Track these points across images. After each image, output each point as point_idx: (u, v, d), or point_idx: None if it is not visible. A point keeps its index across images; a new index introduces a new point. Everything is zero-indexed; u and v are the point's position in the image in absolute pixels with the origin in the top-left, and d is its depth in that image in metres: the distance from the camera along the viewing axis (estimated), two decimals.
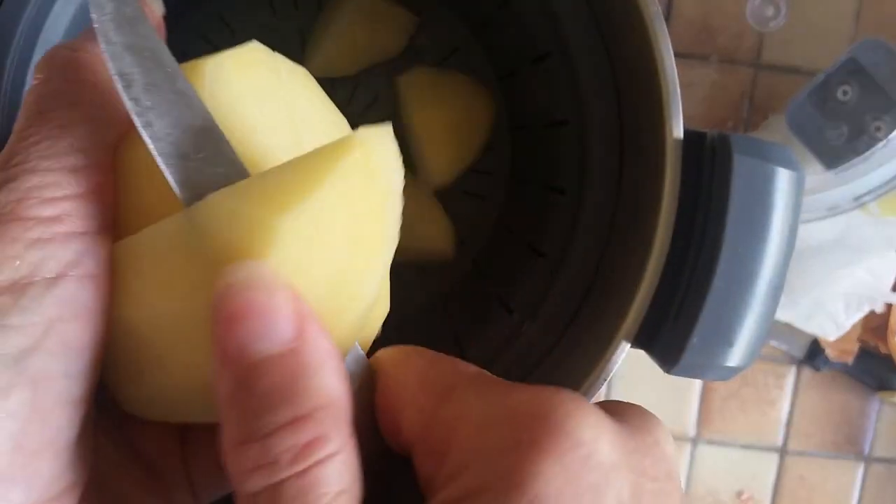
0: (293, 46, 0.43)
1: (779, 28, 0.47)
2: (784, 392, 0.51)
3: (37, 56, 0.33)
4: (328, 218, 0.16)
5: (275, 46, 0.45)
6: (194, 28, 0.42)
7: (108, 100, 0.19)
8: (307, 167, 0.17)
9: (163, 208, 0.18)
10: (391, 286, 0.23)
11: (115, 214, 0.18)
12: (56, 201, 0.17)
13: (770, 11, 0.46)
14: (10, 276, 0.16)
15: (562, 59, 0.33)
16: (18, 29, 0.32)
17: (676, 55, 0.26)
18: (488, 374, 0.19)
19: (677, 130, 0.26)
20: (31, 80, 0.19)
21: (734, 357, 0.25)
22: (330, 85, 0.43)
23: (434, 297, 0.43)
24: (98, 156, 0.18)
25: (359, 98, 0.43)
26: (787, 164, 0.25)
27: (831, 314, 0.46)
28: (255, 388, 0.15)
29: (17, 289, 0.16)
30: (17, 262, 0.16)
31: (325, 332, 0.16)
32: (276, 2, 0.43)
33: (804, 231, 0.44)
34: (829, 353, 0.49)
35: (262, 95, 0.21)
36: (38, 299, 0.16)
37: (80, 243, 0.17)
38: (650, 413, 0.19)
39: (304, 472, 0.15)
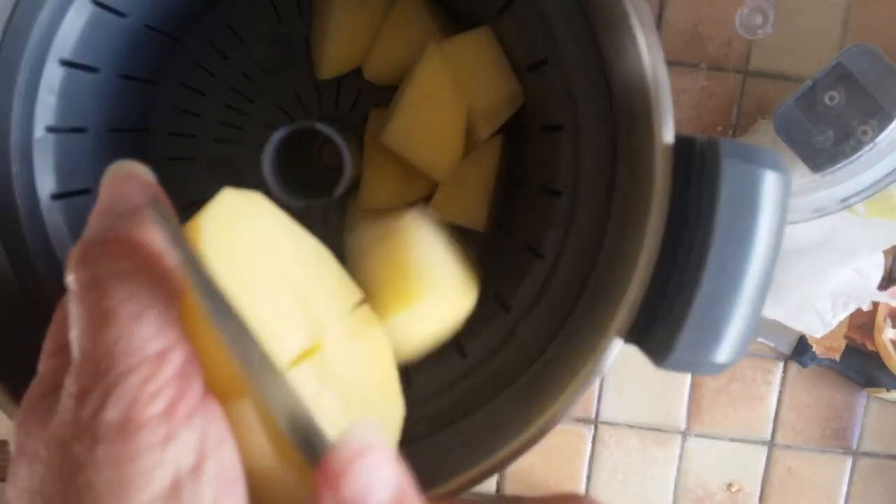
0: (299, 53, 0.44)
1: (767, 36, 0.48)
2: (772, 387, 0.52)
3: (50, 63, 0.34)
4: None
5: (281, 53, 0.46)
6: (202, 36, 0.43)
7: (162, 272, 0.19)
8: None
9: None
10: None
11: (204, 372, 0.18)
12: (162, 391, 0.17)
13: (759, 20, 0.47)
14: (161, 485, 0.16)
15: (557, 67, 0.34)
16: (30, 36, 0.33)
17: (667, 63, 0.27)
18: None
19: (668, 135, 0.27)
20: (72, 277, 0.19)
21: (723, 353, 0.26)
22: (335, 87, 0.44)
23: None
24: (175, 330, 0.18)
25: (362, 103, 0.44)
26: (775, 168, 0.26)
27: (818, 312, 0.47)
28: None
29: (173, 494, 0.16)
30: (161, 470, 0.16)
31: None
32: (281, 10, 0.43)
33: (792, 231, 0.45)
34: (817, 349, 0.50)
35: (257, 249, 0.21)
36: (195, 494, 0.16)
37: (199, 420, 0.17)
38: None
39: None
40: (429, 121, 0.39)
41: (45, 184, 0.34)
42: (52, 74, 0.34)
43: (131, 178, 0.21)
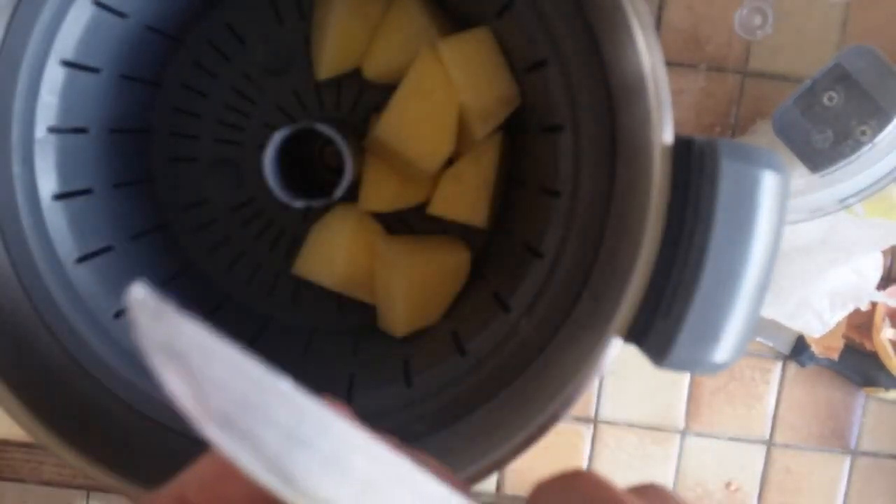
0: (299, 54, 0.44)
1: (766, 36, 0.48)
2: (770, 387, 0.52)
3: (51, 63, 0.34)
4: None
5: (282, 54, 0.46)
6: (203, 36, 0.43)
7: None
8: None
9: None
10: None
11: None
12: None
13: (757, 20, 0.47)
14: None
15: (557, 67, 0.34)
16: (32, 36, 0.33)
17: (667, 63, 0.27)
18: None
19: (667, 136, 0.27)
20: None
21: (721, 353, 0.26)
22: (336, 88, 0.44)
23: None
24: None
25: (363, 103, 0.44)
26: (774, 168, 0.26)
27: (817, 312, 0.47)
28: None
29: None
30: None
31: None
32: (282, 12, 0.44)
33: (790, 231, 0.45)
34: (815, 349, 0.50)
35: None
36: None
37: None
38: None
39: None
40: (420, 115, 0.39)
41: (47, 184, 0.35)
42: (54, 75, 0.34)
43: None
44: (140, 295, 0.13)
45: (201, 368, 0.13)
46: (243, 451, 0.13)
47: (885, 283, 0.50)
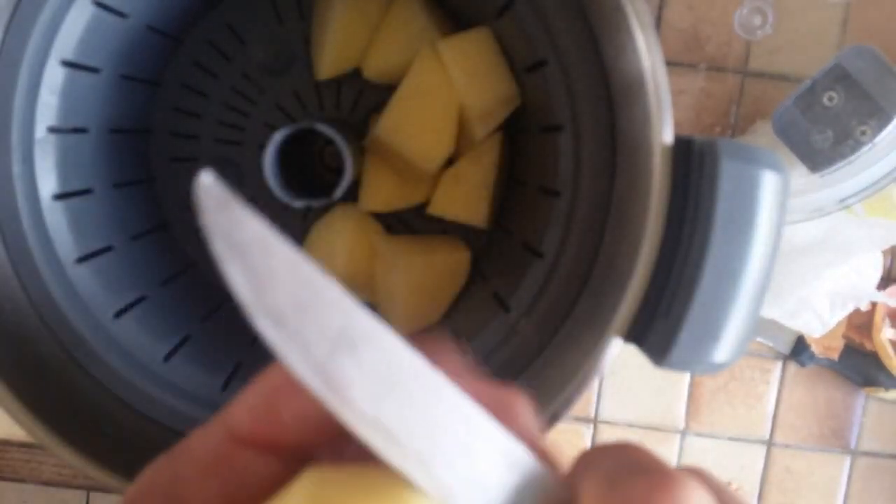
0: (299, 54, 0.44)
1: (766, 36, 0.48)
2: (770, 387, 0.52)
3: (51, 63, 0.34)
4: None
5: (282, 54, 0.46)
6: (203, 36, 0.43)
7: None
8: None
9: None
10: None
11: None
12: None
13: (757, 20, 0.47)
14: None
15: (557, 67, 0.34)
16: (32, 36, 0.33)
17: (666, 63, 0.27)
18: None
19: (667, 136, 0.27)
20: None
21: (721, 352, 0.26)
22: (336, 88, 0.44)
23: None
24: None
25: (363, 103, 0.44)
26: (773, 168, 0.26)
27: (817, 312, 0.47)
28: None
29: None
30: None
31: None
32: (282, 12, 0.44)
33: (790, 231, 0.45)
34: (815, 349, 0.50)
35: None
36: None
37: None
38: None
39: None
40: (421, 115, 0.39)
41: (47, 184, 0.35)
42: (54, 75, 0.34)
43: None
44: (207, 182, 0.13)
45: (260, 262, 0.13)
46: (292, 350, 0.13)
47: (885, 283, 0.50)
